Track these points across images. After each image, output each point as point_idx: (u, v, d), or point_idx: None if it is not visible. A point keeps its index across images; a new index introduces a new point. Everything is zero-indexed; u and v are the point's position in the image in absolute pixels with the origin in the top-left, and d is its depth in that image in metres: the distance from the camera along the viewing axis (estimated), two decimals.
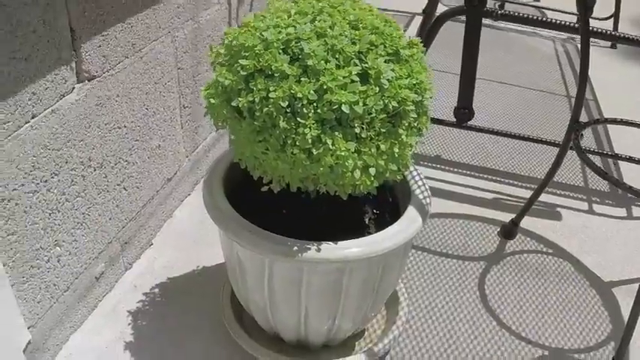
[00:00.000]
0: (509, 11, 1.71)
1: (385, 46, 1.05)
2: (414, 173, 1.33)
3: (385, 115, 1.03)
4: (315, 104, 0.99)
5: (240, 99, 1.02)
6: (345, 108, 0.98)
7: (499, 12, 1.68)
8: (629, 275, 1.63)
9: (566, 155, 1.63)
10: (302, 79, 0.99)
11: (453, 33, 1.91)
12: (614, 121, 1.70)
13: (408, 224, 1.19)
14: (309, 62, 0.99)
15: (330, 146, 1.00)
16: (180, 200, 1.80)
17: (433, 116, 2.01)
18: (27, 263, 1.19)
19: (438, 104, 2.37)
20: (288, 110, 1.00)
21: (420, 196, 1.26)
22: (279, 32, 1.02)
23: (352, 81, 1.00)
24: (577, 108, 1.49)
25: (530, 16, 1.68)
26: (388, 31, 1.07)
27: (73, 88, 1.25)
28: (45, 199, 1.22)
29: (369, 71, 1.01)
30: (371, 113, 1.01)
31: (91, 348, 1.34)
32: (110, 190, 1.43)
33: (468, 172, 2.02)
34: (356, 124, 1.01)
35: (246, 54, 1.03)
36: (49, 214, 1.24)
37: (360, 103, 0.99)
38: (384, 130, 1.04)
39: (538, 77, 2.76)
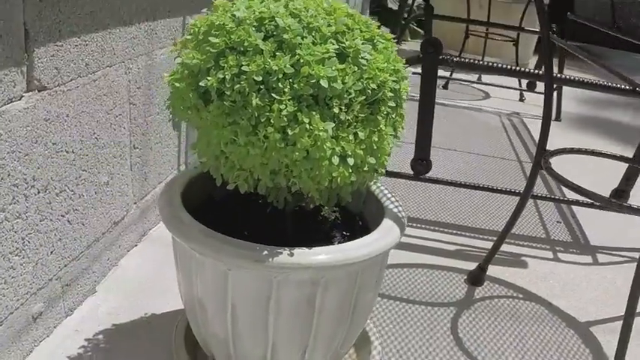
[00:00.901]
0: (465, 59, 1.74)
1: (361, 31, 1.02)
2: (384, 190, 1.27)
3: (364, 99, 0.98)
4: (291, 79, 0.93)
5: (209, 78, 0.96)
6: (323, 82, 0.93)
7: (454, 59, 1.71)
8: (606, 315, 1.57)
9: (525, 206, 1.61)
10: (277, 53, 0.94)
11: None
12: (580, 151, 1.70)
13: (385, 233, 1.12)
14: (285, 36, 0.95)
15: (307, 126, 0.93)
16: (127, 249, 1.67)
17: (390, 169, 2.00)
18: None
19: (394, 159, 2.36)
20: (261, 87, 0.94)
21: (395, 210, 1.20)
22: (253, 12, 0.98)
23: (330, 58, 0.95)
24: (543, 137, 1.49)
25: (488, 63, 1.71)
26: (363, 19, 1.04)
27: (22, 96, 1.16)
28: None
29: (347, 50, 0.97)
30: (350, 94, 0.96)
31: None
32: (54, 219, 1.30)
33: (428, 227, 1.97)
34: (334, 104, 0.95)
35: (217, 32, 0.98)
36: None
37: (339, 81, 0.94)
38: (362, 116, 0.99)
39: (488, 146, 2.83)
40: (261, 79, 0.93)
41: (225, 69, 0.95)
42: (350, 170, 0.99)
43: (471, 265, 1.71)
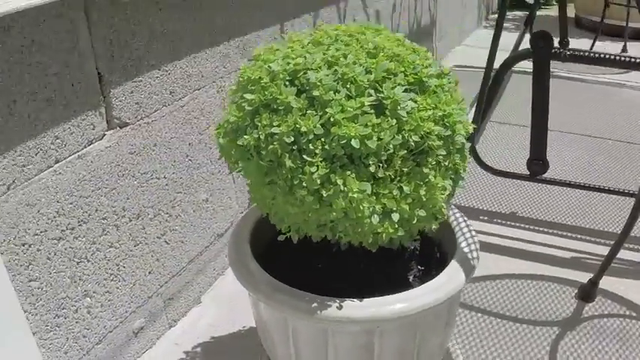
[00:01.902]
0: (578, 52, 1.55)
1: (406, 75, 0.95)
2: (461, 223, 1.19)
3: (406, 152, 0.92)
4: (322, 139, 0.90)
5: (245, 137, 0.95)
6: (354, 143, 0.89)
7: (567, 53, 1.53)
8: None
9: None
10: (308, 111, 0.91)
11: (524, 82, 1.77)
12: None
13: (442, 283, 1.06)
14: (315, 93, 0.91)
15: (342, 187, 0.90)
16: None
17: (507, 170, 1.87)
18: (51, 312, 1.17)
19: (510, 158, 2.25)
20: (294, 147, 0.92)
21: (466, 250, 1.13)
22: (287, 63, 0.96)
23: (364, 113, 0.91)
24: None
25: (603, 55, 1.52)
26: (411, 59, 0.97)
27: (104, 134, 1.24)
28: (72, 247, 1.19)
29: (385, 101, 0.91)
30: (388, 149, 0.91)
31: None
32: (149, 242, 1.39)
33: (543, 229, 1.83)
34: (371, 162, 0.91)
35: (253, 87, 0.97)
36: (77, 263, 1.21)
37: (374, 138, 0.90)
38: (406, 170, 0.93)
39: (616, 126, 2.53)
40: (292, 139, 0.91)
41: (260, 128, 0.94)
42: (395, 226, 0.95)
43: (585, 276, 1.57)
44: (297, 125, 0.90)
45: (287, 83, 0.95)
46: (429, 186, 0.95)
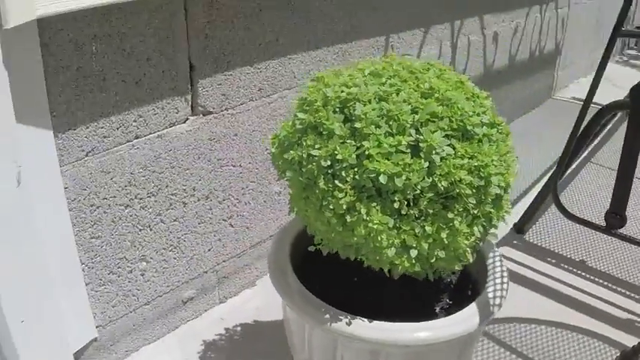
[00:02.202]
0: None
1: (451, 120, 0.98)
2: (497, 266, 1.20)
3: (434, 195, 0.95)
4: (355, 169, 0.95)
5: (291, 152, 1.02)
6: (382, 178, 0.93)
7: None
8: None
9: None
10: (348, 141, 0.96)
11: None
12: None
13: (454, 322, 1.08)
14: (357, 125, 0.96)
15: (365, 216, 0.95)
16: None
17: (582, 216, 1.82)
18: (107, 268, 1.30)
19: (591, 204, 2.17)
20: (329, 171, 0.97)
21: (490, 294, 1.14)
22: (342, 91, 1.01)
23: (399, 151, 0.94)
24: None
25: None
26: (461, 105, 0.99)
27: (187, 119, 1.35)
28: (137, 215, 1.32)
29: (421, 144, 0.95)
30: (415, 190, 0.94)
31: None
32: (214, 223, 1.50)
33: (607, 284, 1.76)
34: (396, 198, 0.95)
35: (307, 108, 1.03)
36: (140, 230, 1.34)
37: (403, 177, 0.93)
38: (431, 211, 0.96)
39: None
40: (329, 163, 0.97)
41: (304, 147, 1.00)
42: (412, 261, 0.99)
43: (633, 341, 1.51)
44: (335, 152, 0.96)
45: (337, 110, 1.00)
46: (453, 230, 0.97)
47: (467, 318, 1.08)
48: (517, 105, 2.86)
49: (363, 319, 1.06)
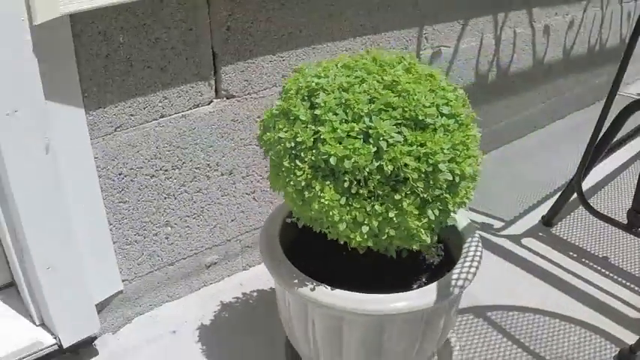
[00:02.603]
0: None
1: (404, 110, 1.09)
2: (471, 250, 1.29)
3: (381, 177, 1.07)
4: (312, 151, 1.09)
5: (267, 134, 1.17)
6: (332, 160, 1.06)
7: None
8: None
9: None
10: (309, 126, 1.10)
11: None
12: None
13: (404, 298, 1.17)
14: (317, 112, 1.09)
15: (319, 193, 1.09)
16: None
17: (613, 213, 1.83)
18: (133, 229, 1.51)
19: (614, 203, 2.16)
20: (292, 152, 1.11)
21: (454, 276, 1.23)
22: (313, 81, 1.14)
23: (350, 136, 1.07)
24: None
25: None
26: (417, 96, 1.10)
27: (211, 101, 1.53)
28: (162, 185, 1.52)
29: (370, 130, 1.07)
30: (364, 172, 1.06)
31: (173, 318, 1.61)
32: (237, 196, 1.68)
33: (622, 281, 1.78)
34: (346, 178, 1.07)
35: (284, 96, 1.18)
36: (164, 198, 1.53)
37: (352, 160, 1.06)
38: (380, 192, 1.08)
39: None
40: (293, 145, 1.11)
41: (276, 130, 1.15)
42: (365, 236, 1.11)
43: (632, 337, 1.54)
44: (297, 135, 1.10)
45: (305, 98, 1.14)
46: (402, 211, 1.09)
47: (420, 295, 1.19)
48: (574, 99, 2.84)
49: (327, 286, 1.19)
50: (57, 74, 1.23)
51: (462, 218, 1.38)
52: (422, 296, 1.19)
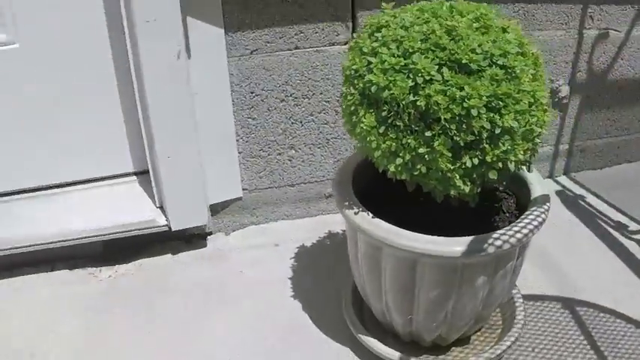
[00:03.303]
0: None
1: (452, 53, 1.13)
2: (533, 216, 1.27)
3: (415, 112, 1.14)
4: (363, 79, 1.19)
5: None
6: (373, 88, 1.16)
7: None
8: None
9: None
10: (367, 57, 1.20)
11: None
12: None
13: (446, 243, 1.21)
14: (374, 44, 1.19)
15: (362, 118, 1.19)
16: None
17: None
18: (258, 145, 1.73)
19: None
20: (350, 79, 1.23)
21: (498, 233, 1.23)
22: (383, 18, 1.24)
23: (394, 70, 1.15)
24: None
25: None
26: (468, 42, 1.13)
27: (347, 42, 1.68)
28: (290, 111, 1.71)
29: (411, 66, 1.14)
30: (400, 103, 1.14)
31: (281, 233, 1.81)
32: None
33: None
34: (384, 108, 1.16)
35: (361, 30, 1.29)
36: (291, 123, 1.73)
37: (390, 90, 1.14)
38: (414, 127, 1.15)
39: None
40: (351, 73, 1.22)
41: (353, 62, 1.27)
42: (399, 168, 1.19)
43: None
44: (355, 63, 1.21)
45: (372, 33, 1.24)
46: (433, 149, 1.14)
47: (449, 242, 1.21)
48: None
49: (370, 213, 1.28)
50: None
51: (538, 187, 1.36)
52: (450, 244, 1.22)
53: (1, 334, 1.48)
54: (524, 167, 1.27)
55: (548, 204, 1.33)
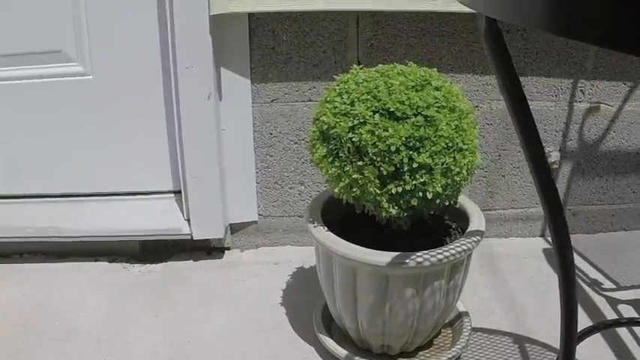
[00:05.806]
0: None
1: (385, 103, 1.53)
2: (454, 248, 1.61)
3: (351, 145, 1.54)
4: (319, 120, 1.61)
5: None
6: (325, 127, 1.57)
7: None
8: None
9: None
10: (327, 105, 1.62)
11: None
12: None
13: (376, 254, 1.58)
14: (331, 95, 1.62)
15: (317, 149, 1.61)
16: None
17: None
18: (273, 178, 2.17)
19: None
20: (315, 121, 1.66)
21: (421, 253, 1.58)
22: (344, 79, 1.66)
23: (341, 114, 1.56)
24: None
25: None
26: (397, 95, 1.53)
27: None
28: (302, 152, 2.14)
29: (353, 111, 1.55)
30: (342, 140, 1.55)
31: (284, 254, 2.21)
32: None
33: None
34: (332, 142, 1.57)
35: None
36: (302, 163, 2.16)
37: (336, 128, 1.55)
38: (351, 157, 1.55)
39: None
40: (315, 117, 1.65)
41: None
42: (342, 190, 1.59)
43: None
44: (318, 109, 1.64)
45: (336, 87, 1.66)
46: (363, 175, 1.53)
47: (379, 254, 1.57)
48: None
49: (326, 228, 1.68)
50: (235, 53, 1.97)
51: (476, 222, 1.69)
52: (379, 255, 1.58)
53: (46, 299, 1.97)
54: (450, 201, 1.62)
55: (477, 237, 1.66)
